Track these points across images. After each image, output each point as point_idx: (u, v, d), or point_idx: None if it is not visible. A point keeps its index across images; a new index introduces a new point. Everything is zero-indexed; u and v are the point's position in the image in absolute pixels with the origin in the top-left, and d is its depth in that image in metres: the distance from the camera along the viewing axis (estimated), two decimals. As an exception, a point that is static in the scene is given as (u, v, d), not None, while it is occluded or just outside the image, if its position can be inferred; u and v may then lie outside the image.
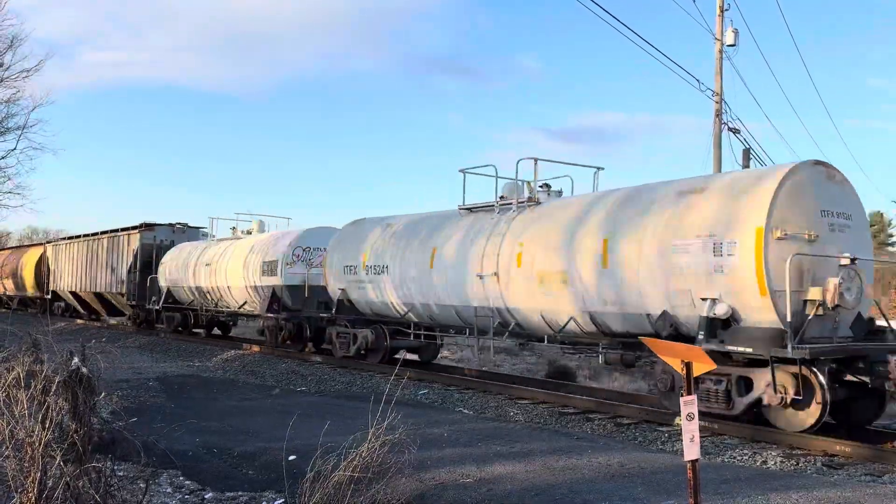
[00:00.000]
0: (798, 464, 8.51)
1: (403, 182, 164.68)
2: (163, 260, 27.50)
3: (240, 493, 6.89)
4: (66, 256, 36.06)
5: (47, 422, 4.98)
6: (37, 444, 4.85)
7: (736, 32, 23.21)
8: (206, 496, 6.86)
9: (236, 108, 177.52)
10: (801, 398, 9.18)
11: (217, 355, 20.28)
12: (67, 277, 35.40)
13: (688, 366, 4.56)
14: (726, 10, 23.23)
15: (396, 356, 17.55)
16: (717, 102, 22.56)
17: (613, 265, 11.16)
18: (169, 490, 6.99)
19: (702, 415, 7.64)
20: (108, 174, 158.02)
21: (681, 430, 4.66)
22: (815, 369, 9.11)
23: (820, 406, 9.13)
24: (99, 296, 32.24)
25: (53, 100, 51.76)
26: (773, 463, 8.54)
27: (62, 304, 38.18)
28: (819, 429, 9.29)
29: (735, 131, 22.92)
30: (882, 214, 60.36)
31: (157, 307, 27.31)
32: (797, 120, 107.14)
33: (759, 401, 9.60)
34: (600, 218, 11.79)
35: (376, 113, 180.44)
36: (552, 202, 13.82)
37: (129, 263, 28.81)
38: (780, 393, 9.27)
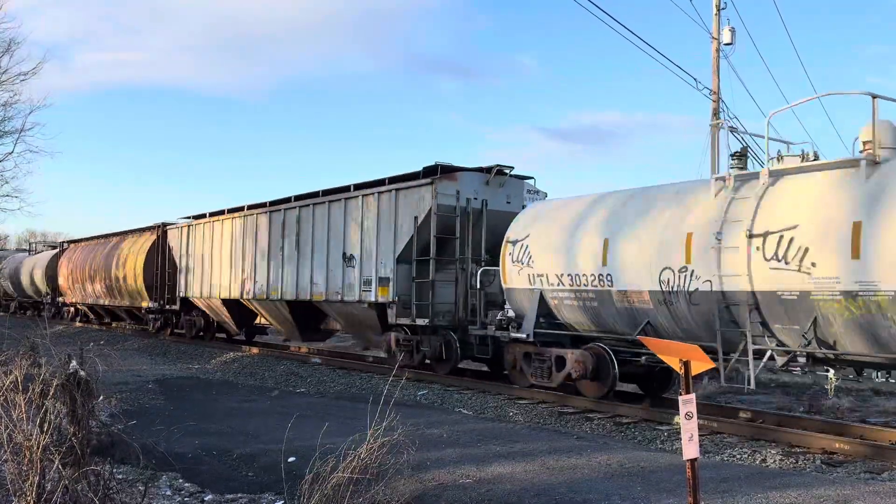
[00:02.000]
0: (797, 462, 8.52)
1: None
2: (515, 234, 13.44)
3: (239, 494, 6.88)
4: (212, 241, 23.00)
5: (45, 425, 4.98)
6: (35, 448, 4.84)
7: (733, 31, 23.22)
8: (205, 498, 6.86)
9: (235, 110, 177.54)
10: None
11: (216, 357, 20.28)
12: (218, 277, 22.44)
13: (686, 364, 4.56)
14: (723, 8, 23.23)
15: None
16: (714, 101, 22.56)
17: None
18: (168, 492, 6.99)
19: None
20: (106, 175, 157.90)
21: (680, 428, 4.66)
22: None
23: None
24: (304, 307, 19.02)
25: (51, 103, 51.65)
26: (772, 461, 8.54)
27: (199, 317, 24.97)
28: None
29: (733, 130, 22.91)
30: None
31: (524, 335, 12.94)
32: (795, 118, 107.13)
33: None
34: None
35: (376, 113, 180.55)
36: None
37: (402, 242, 15.62)
38: None
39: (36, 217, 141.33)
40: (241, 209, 21.70)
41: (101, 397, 6.08)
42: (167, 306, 26.03)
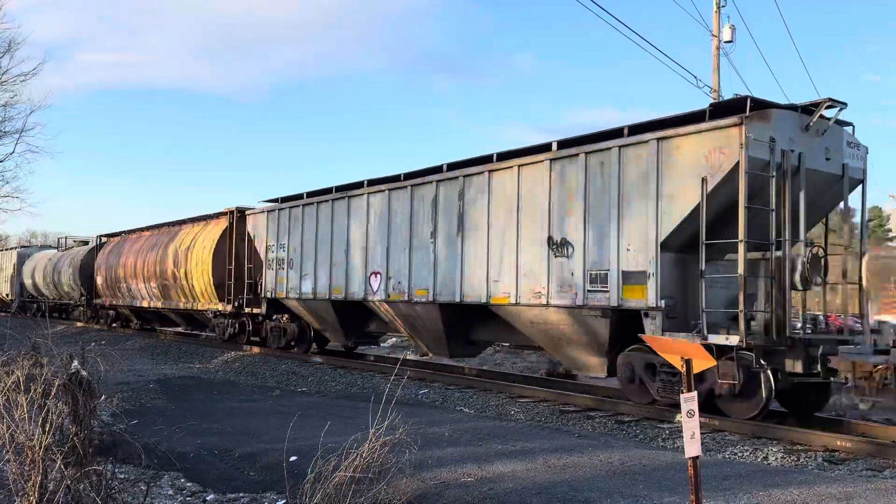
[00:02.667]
0: (799, 459, 8.52)
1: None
2: None
3: (241, 494, 6.89)
4: (315, 229, 17.97)
5: (47, 425, 4.99)
6: (37, 448, 4.85)
7: (733, 29, 23.26)
8: (207, 497, 6.86)
9: (233, 109, 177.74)
10: None
11: (217, 357, 20.29)
12: (326, 272, 17.46)
13: (688, 362, 4.56)
14: (723, 6, 23.27)
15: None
16: (714, 99, 22.56)
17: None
18: (170, 492, 7.00)
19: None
20: (105, 175, 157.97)
21: (681, 426, 4.66)
22: None
23: None
24: (465, 311, 14.35)
25: (51, 103, 51.82)
26: (773, 459, 8.54)
27: (291, 323, 19.78)
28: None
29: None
30: (881, 209, 60.41)
31: None
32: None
33: None
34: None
35: (373, 112, 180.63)
36: None
37: (673, 218, 10.56)
38: None
39: (37, 217, 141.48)
40: (358, 185, 16.79)
41: (103, 397, 6.09)
42: (246, 309, 20.97)
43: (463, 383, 14.63)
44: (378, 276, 15.95)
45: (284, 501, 6.38)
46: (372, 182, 16.48)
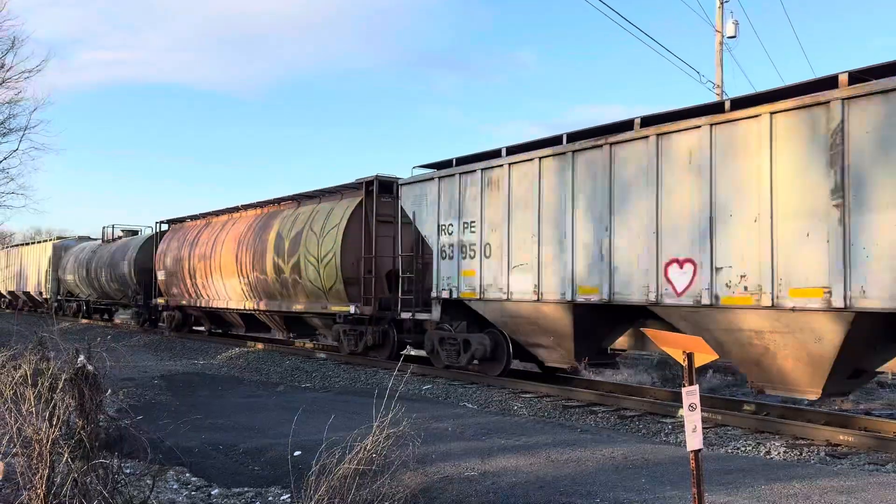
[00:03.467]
0: (801, 454, 8.54)
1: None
2: None
3: (246, 488, 6.93)
4: (535, 199, 12.27)
5: (54, 419, 5.03)
6: (44, 442, 4.89)
7: (736, 24, 23.26)
8: (212, 492, 6.91)
9: (234, 107, 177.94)
10: None
11: (221, 353, 20.35)
12: (563, 260, 11.84)
13: (689, 356, 4.58)
14: (726, 1, 23.26)
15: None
16: (717, 94, 22.56)
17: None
18: (175, 486, 7.04)
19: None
20: (104, 174, 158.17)
21: (684, 421, 4.69)
22: None
23: None
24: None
25: (53, 101, 52.22)
26: (776, 453, 8.57)
27: (476, 335, 14.16)
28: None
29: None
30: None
31: None
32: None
33: None
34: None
35: (374, 110, 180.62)
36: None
37: None
38: None
39: (42, 214, 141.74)
40: (624, 126, 11.23)
41: (109, 392, 6.12)
42: (403, 314, 15.59)
43: (466, 379, 14.65)
44: (688, 265, 10.15)
45: (289, 495, 6.42)
46: (650, 120, 10.82)
